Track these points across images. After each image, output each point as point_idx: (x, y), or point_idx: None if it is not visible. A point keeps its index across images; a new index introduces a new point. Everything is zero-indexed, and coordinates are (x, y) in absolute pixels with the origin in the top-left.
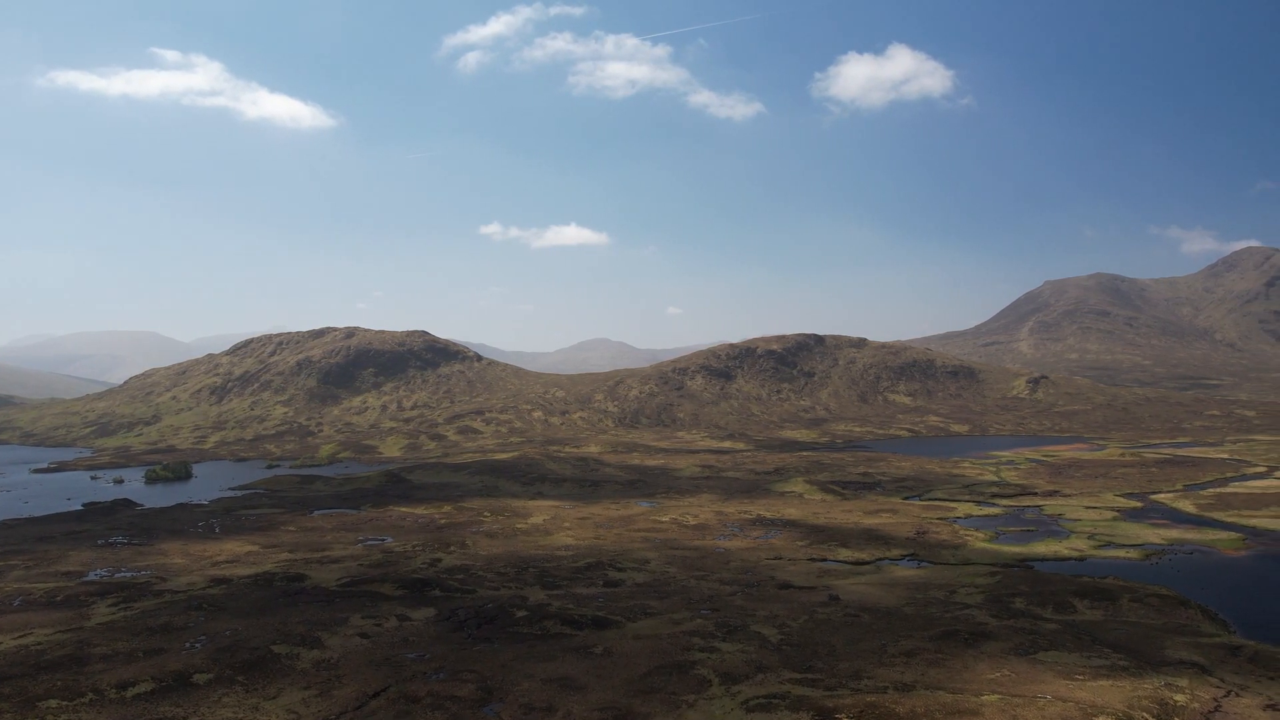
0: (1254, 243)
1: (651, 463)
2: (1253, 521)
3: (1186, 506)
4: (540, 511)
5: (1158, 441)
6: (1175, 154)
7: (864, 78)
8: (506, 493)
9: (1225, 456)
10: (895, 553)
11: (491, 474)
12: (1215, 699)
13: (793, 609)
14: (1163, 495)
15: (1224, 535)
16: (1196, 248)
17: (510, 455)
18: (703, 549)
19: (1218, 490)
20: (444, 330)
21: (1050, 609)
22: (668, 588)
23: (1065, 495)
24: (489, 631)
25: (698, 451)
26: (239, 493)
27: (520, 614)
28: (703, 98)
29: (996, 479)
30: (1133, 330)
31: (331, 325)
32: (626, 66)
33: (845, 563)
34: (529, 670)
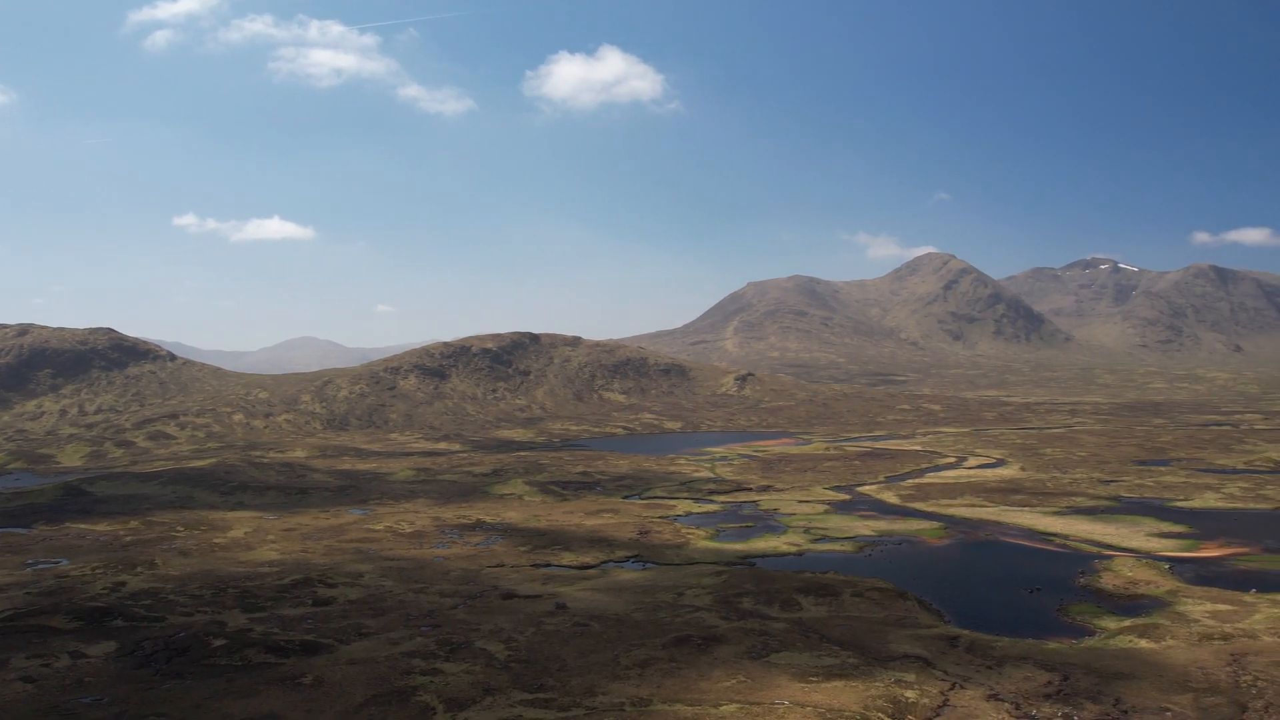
0: (932, 249)
1: (363, 467)
2: (950, 510)
3: (890, 498)
4: (241, 523)
5: (857, 435)
6: (861, 165)
7: (575, 78)
8: (203, 504)
9: (919, 448)
10: (620, 554)
11: (186, 483)
12: (942, 693)
13: (519, 621)
14: (867, 487)
15: (926, 525)
16: (882, 253)
17: (208, 462)
18: (420, 559)
19: (916, 481)
20: (135, 328)
21: (777, 607)
22: (384, 603)
23: (778, 490)
24: (181, 665)
25: (412, 454)
26: None
27: (218, 643)
28: (413, 91)
29: (712, 475)
30: (828, 329)
31: (1, 323)
32: (332, 54)
33: (570, 567)
34: (227, 709)
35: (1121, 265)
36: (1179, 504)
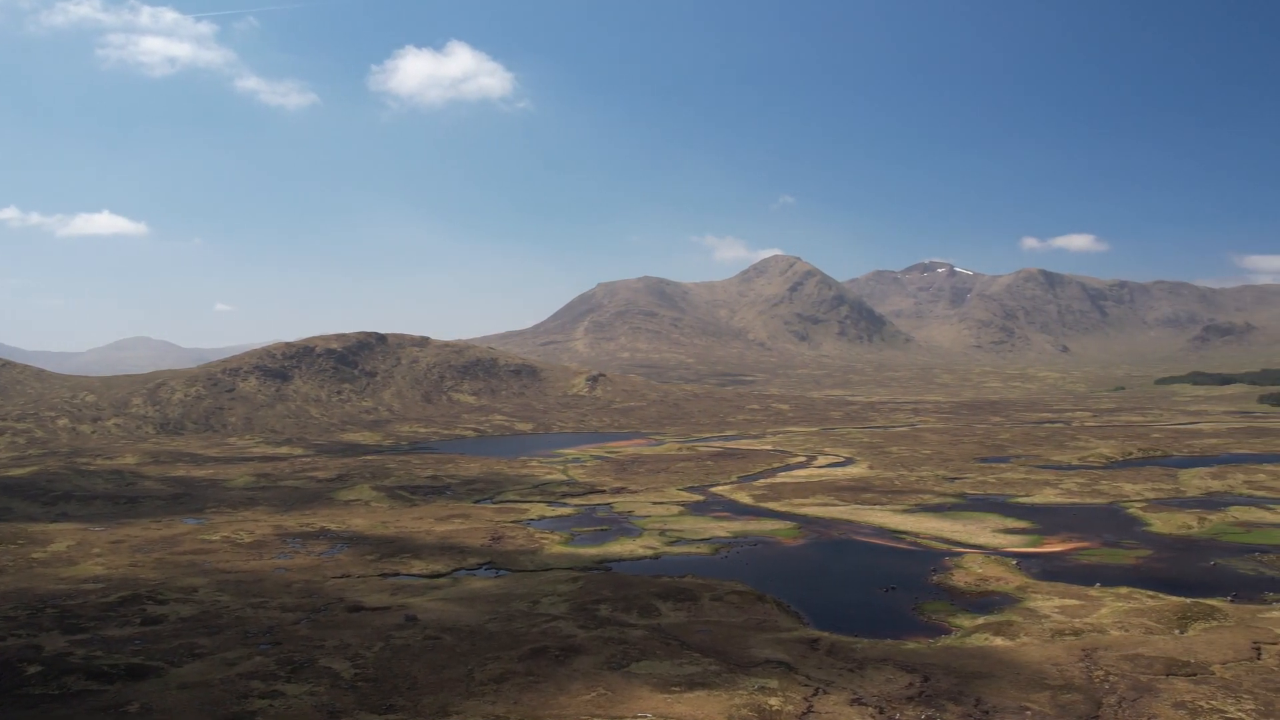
0: (778, 251)
1: (199, 473)
2: (803, 510)
3: (744, 498)
4: (64, 536)
5: (708, 435)
6: (709, 167)
7: (423, 74)
8: (22, 515)
9: (769, 448)
10: (472, 562)
11: (3, 494)
12: (806, 699)
13: (366, 635)
14: (721, 488)
15: (781, 525)
16: (729, 255)
17: (28, 470)
18: (260, 571)
19: (768, 480)
20: None
21: (636, 614)
22: (220, 620)
23: (632, 491)
24: None
25: (252, 459)
26: None
27: (33, 669)
28: (252, 83)
29: (565, 477)
30: (678, 330)
31: None
32: (165, 42)
33: (420, 576)
34: None
35: (958, 269)
36: (1021, 500)
